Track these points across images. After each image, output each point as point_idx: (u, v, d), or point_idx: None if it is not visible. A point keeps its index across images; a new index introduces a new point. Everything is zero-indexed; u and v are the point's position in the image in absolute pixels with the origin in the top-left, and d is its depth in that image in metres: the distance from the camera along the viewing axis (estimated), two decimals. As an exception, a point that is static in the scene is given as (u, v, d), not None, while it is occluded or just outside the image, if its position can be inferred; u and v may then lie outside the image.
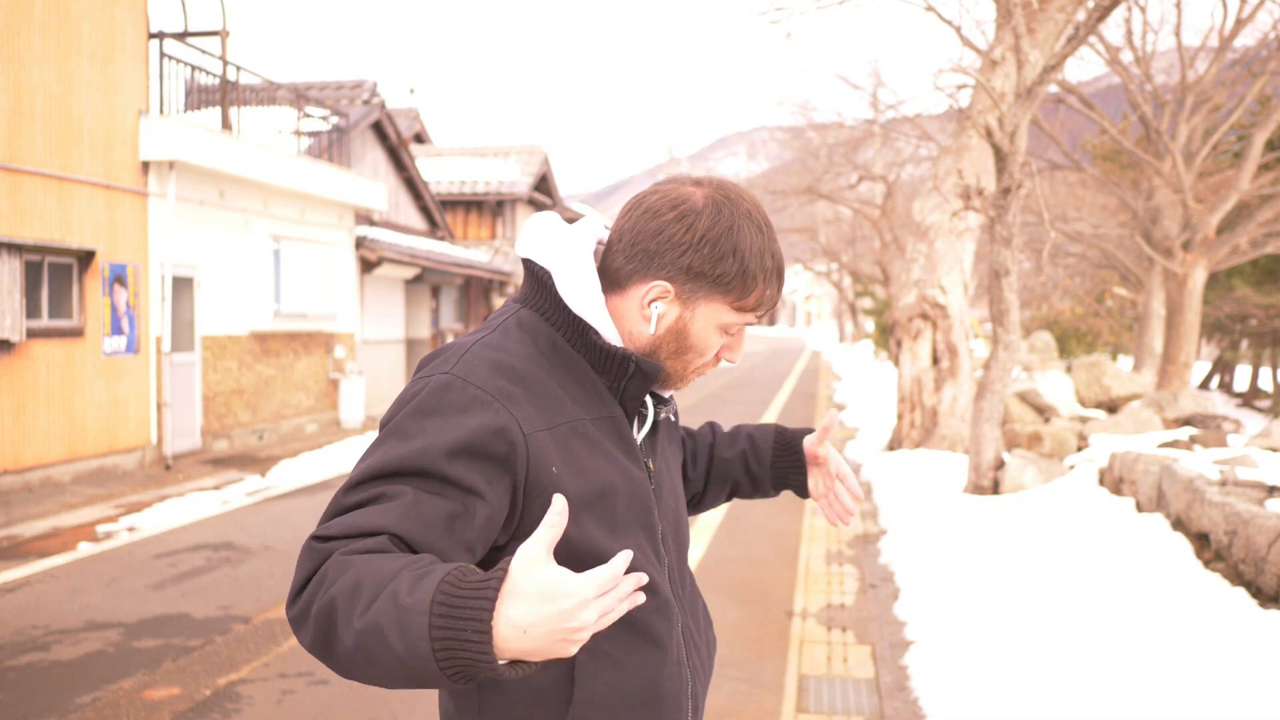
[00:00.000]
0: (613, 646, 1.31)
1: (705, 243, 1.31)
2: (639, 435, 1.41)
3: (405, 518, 1.15)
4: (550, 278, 1.35)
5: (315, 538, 1.15)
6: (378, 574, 1.06)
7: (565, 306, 1.34)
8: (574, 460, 1.28)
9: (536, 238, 1.37)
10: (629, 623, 1.31)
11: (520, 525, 1.27)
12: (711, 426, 1.79)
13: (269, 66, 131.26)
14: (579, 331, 1.34)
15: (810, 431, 1.70)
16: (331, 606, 1.07)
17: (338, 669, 1.11)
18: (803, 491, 1.69)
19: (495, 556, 1.30)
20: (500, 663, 1.02)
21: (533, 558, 1.02)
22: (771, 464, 1.70)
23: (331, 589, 1.08)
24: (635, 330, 1.36)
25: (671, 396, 1.50)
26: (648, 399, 1.41)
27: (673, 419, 1.53)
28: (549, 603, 1.00)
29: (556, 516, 1.04)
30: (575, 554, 1.27)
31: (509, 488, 1.23)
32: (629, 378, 1.35)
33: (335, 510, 1.19)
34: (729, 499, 1.76)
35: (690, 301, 1.34)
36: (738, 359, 1.42)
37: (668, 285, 1.33)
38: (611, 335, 1.35)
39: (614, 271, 1.36)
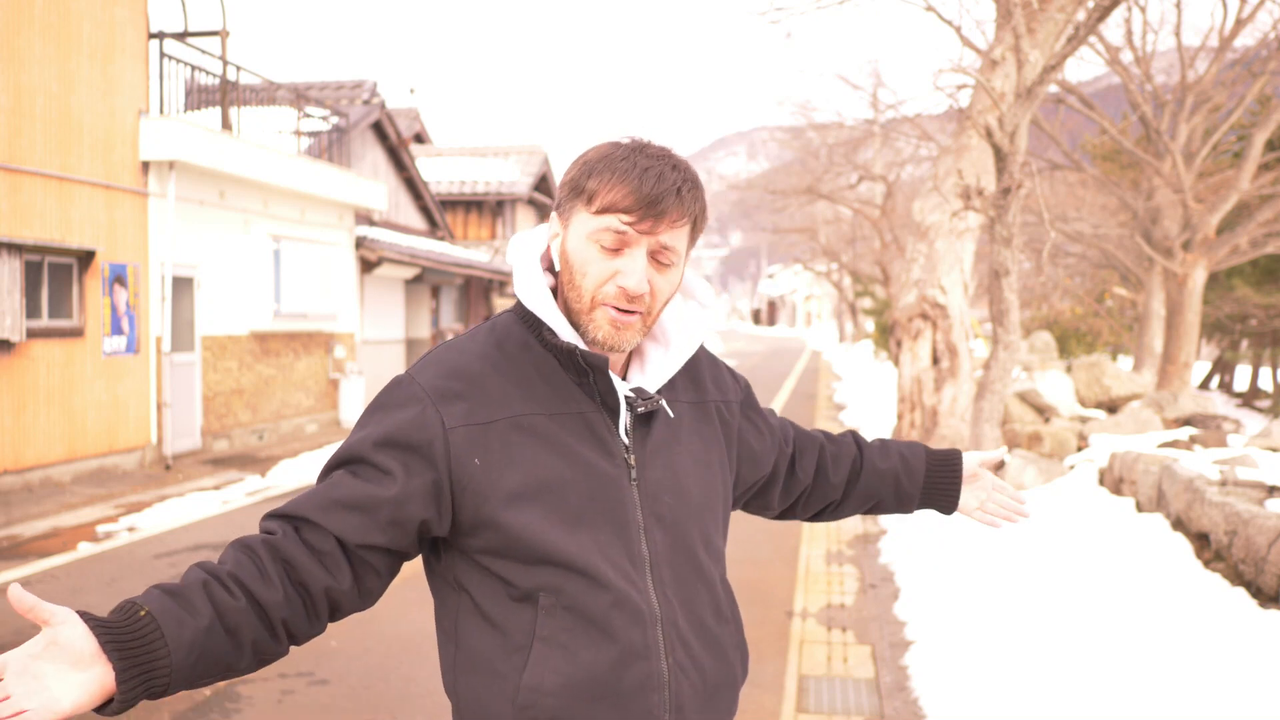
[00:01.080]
0: (570, 638, 1.33)
1: (572, 164, 1.39)
2: (621, 429, 1.39)
3: (322, 503, 1.31)
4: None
5: (266, 515, 1.34)
6: (185, 578, 1.26)
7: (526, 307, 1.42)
8: (509, 453, 1.33)
9: (512, 242, 1.47)
10: (585, 615, 1.33)
11: (457, 518, 1.34)
12: (854, 435, 1.79)
13: (269, 66, 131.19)
14: (539, 329, 1.39)
15: (954, 453, 1.78)
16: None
17: None
18: (949, 509, 1.78)
19: (439, 544, 1.39)
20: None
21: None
22: (925, 481, 1.76)
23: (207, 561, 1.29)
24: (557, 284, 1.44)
25: (689, 383, 1.51)
26: (621, 394, 1.39)
27: (670, 414, 1.44)
28: None
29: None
30: (513, 543, 1.32)
31: (431, 480, 1.31)
32: (593, 373, 1.37)
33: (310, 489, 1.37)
34: (868, 512, 1.80)
35: (567, 221, 1.39)
36: (634, 284, 1.32)
37: (556, 217, 1.41)
38: (565, 331, 1.37)
39: None
